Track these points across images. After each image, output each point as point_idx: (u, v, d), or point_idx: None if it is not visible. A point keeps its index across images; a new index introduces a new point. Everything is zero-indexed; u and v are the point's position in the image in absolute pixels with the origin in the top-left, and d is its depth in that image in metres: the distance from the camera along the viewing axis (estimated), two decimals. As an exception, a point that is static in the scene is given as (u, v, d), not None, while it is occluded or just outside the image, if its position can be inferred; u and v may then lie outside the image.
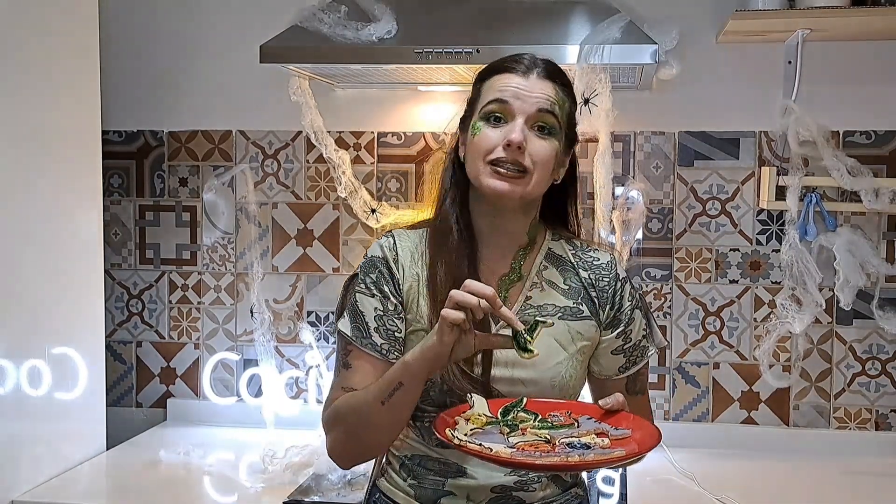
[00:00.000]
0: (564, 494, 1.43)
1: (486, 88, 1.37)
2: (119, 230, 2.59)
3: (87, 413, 2.24)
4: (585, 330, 1.40)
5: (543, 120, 1.34)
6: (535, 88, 1.34)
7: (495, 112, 1.34)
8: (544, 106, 1.33)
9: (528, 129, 1.33)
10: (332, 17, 2.08)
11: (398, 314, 1.37)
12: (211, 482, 2.11)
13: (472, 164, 1.35)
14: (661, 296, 2.38)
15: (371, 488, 1.48)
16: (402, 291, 1.38)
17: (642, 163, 2.37)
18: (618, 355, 1.43)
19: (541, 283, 1.40)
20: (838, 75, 2.28)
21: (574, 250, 1.44)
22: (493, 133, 1.33)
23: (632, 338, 1.43)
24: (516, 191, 1.32)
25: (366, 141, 2.47)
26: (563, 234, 1.46)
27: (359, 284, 1.39)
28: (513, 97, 1.33)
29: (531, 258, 1.41)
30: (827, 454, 2.28)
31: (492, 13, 2.10)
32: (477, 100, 1.38)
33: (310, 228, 2.51)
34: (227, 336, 2.56)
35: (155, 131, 2.56)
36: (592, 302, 1.41)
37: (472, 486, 1.36)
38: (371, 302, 1.37)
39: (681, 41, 2.21)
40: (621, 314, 1.42)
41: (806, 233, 2.20)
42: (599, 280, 1.42)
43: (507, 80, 1.35)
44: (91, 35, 2.25)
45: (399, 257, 1.39)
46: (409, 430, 1.40)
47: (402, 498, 1.40)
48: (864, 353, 2.33)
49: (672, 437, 2.30)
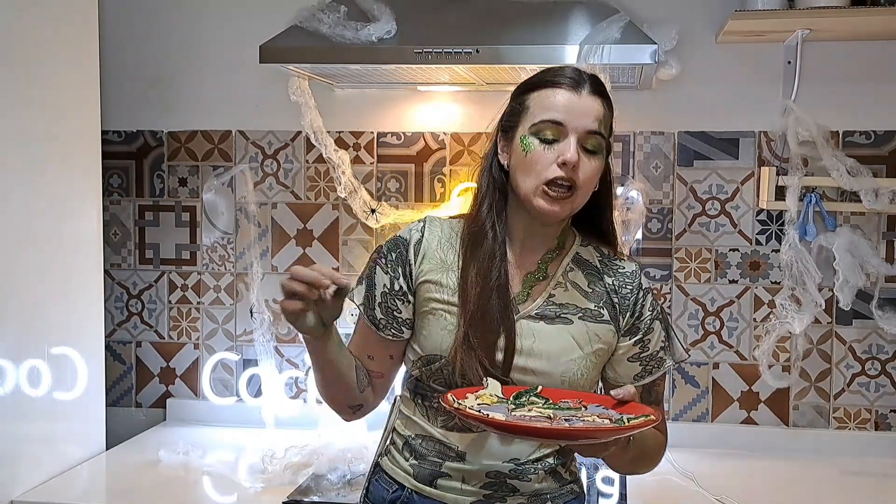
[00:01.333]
0: (560, 489, 1.44)
1: (535, 102, 1.38)
2: (119, 230, 2.59)
3: (86, 413, 2.24)
4: (603, 333, 1.42)
5: (592, 140, 1.36)
6: (586, 108, 1.36)
7: (548, 132, 1.35)
8: (594, 128, 1.36)
9: (579, 148, 1.35)
10: (331, 17, 2.08)
11: (402, 296, 1.42)
12: (210, 482, 2.11)
13: (522, 180, 1.37)
14: (660, 296, 2.38)
15: (374, 467, 1.51)
16: (414, 276, 1.42)
17: (642, 163, 2.37)
18: (634, 363, 1.46)
19: (565, 284, 1.43)
20: (838, 75, 2.28)
21: (601, 257, 1.48)
22: (546, 152, 1.34)
23: (649, 347, 1.46)
24: (564, 211, 1.36)
25: (365, 141, 2.47)
26: (591, 241, 1.49)
27: (380, 259, 1.44)
28: (566, 117, 1.34)
29: (559, 260, 1.45)
30: (827, 454, 2.28)
31: (492, 13, 2.10)
32: (524, 112, 1.39)
33: (309, 228, 2.51)
34: (226, 336, 2.56)
35: (155, 131, 2.56)
36: (614, 307, 1.44)
37: (468, 470, 1.39)
38: (383, 278, 1.43)
39: (680, 41, 2.21)
40: (640, 322, 1.44)
41: (805, 233, 2.20)
42: (623, 287, 1.45)
43: (559, 98, 1.36)
44: (91, 35, 2.25)
45: (424, 241, 1.43)
46: (416, 409, 1.44)
47: (401, 476, 1.44)
48: (864, 353, 2.33)
49: (672, 437, 2.29)
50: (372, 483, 1.49)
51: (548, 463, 1.42)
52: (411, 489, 1.42)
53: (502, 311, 1.37)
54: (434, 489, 1.41)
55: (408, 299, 1.42)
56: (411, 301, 1.43)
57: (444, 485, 1.40)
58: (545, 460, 1.41)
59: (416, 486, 1.42)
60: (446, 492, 1.40)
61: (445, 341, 1.38)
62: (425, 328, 1.41)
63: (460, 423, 1.39)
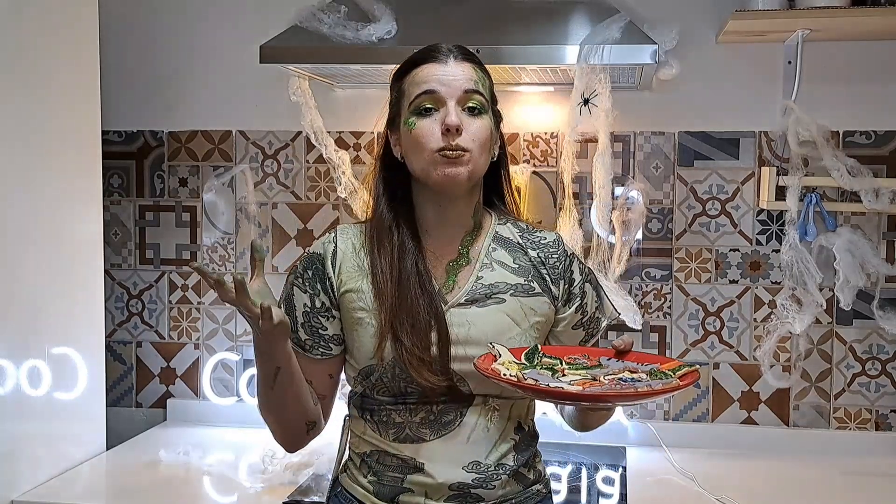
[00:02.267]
0: (525, 492, 1.42)
1: (409, 84, 1.39)
2: (119, 230, 2.59)
3: (86, 413, 2.24)
4: (538, 306, 1.42)
5: (472, 100, 1.36)
6: (456, 72, 1.37)
7: (425, 103, 1.35)
8: (470, 86, 1.36)
9: (461, 112, 1.35)
10: (331, 18, 2.08)
11: (325, 312, 1.41)
12: (211, 482, 2.11)
13: (416, 159, 1.37)
14: (661, 296, 2.38)
15: (332, 483, 1.49)
16: (335, 288, 1.40)
17: (642, 163, 2.37)
18: (578, 329, 1.47)
19: (490, 264, 1.42)
20: (838, 75, 2.28)
21: (521, 232, 1.48)
22: (429, 123, 1.35)
23: (587, 311, 1.47)
24: (463, 171, 1.34)
25: (366, 141, 2.47)
26: (508, 217, 1.49)
27: (297, 279, 1.43)
28: (438, 84, 1.35)
29: (479, 242, 1.44)
30: (827, 454, 2.28)
31: (492, 13, 2.10)
32: (402, 97, 1.40)
33: (310, 229, 2.51)
34: (226, 336, 2.56)
35: (155, 131, 2.56)
36: (543, 279, 1.43)
37: (430, 484, 1.36)
38: (302, 297, 1.42)
39: (681, 41, 2.21)
40: (574, 288, 1.45)
41: (806, 233, 2.20)
42: (549, 258, 1.45)
43: (429, 70, 1.37)
44: (91, 35, 2.25)
45: (338, 252, 1.42)
46: (366, 426, 1.41)
47: (361, 494, 1.40)
48: (865, 353, 2.33)
49: (672, 437, 2.31)
50: (331, 499, 1.47)
51: (508, 466, 1.38)
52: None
53: (428, 304, 1.35)
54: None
55: (332, 314, 1.41)
56: (335, 316, 1.41)
57: (406, 501, 1.36)
58: (505, 463, 1.38)
59: (377, 503, 1.38)
60: None
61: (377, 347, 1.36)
62: (356, 340, 1.39)
63: (411, 433, 1.37)
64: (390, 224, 1.40)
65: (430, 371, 1.33)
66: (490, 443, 1.38)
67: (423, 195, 1.42)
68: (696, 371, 1.29)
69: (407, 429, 1.37)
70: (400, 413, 1.38)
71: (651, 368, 1.31)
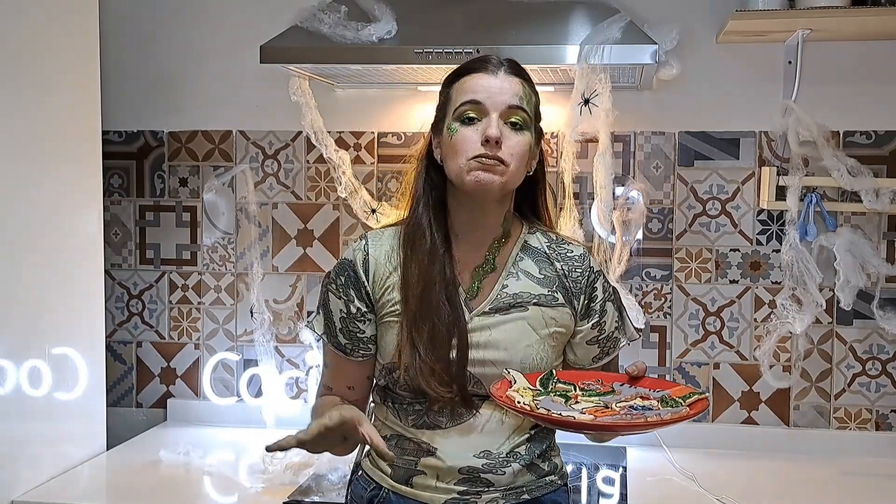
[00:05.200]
0: (538, 482, 1.45)
1: (456, 91, 1.42)
2: (119, 230, 2.59)
3: (87, 413, 2.24)
4: (559, 317, 1.44)
5: (515, 115, 1.38)
6: (504, 86, 1.39)
7: (469, 112, 1.38)
8: (514, 102, 1.38)
9: (503, 125, 1.37)
10: (331, 18, 2.08)
11: (361, 317, 1.45)
12: (211, 482, 2.11)
13: (453, 163, 1.39)
14: (661, 296, 2.38)
15: (355, 467, 1.53)
16: (371, 294, 1.44)
17: (642, 163, 2.37)
18: (592, 345, 1.49)
19: (516, 273, 1.45)
20: (838, 75, 2.28)
21: (549, 243, 1.49)
22: (470, 132, 1.37)
23: (605, 329, 1.48)
24: (497, 180, 1.37)
25: (366, 141, 2.47)
26: (538, 227, 1.51)
27: (330, 284, 1.47)
28: (484, 96, 1.38)
29: (506, 249, 1.46)
30: (827, 454, 2.28)
31: (492, 13, 2.10)
32: (448, 103, 1.43)
33: (310, 229, 2.51)
34: (227, 336, 2.56)
35: (155, 131, 2.56)
36: (567, 291, 1.45)
37: (441, 468, 1.41)
38: (338, 304, 1.46)
39: (681, 41, 2.21)
40: (595, 304, 1.47)
41: (806, 233, 2.20)
42: (573, 271, 1.47)
43: (477, 81, 1.39)
44: (91, 35, 2.25)
45: (370, 258, 1.45)
46: (387, 411, 1.46)
47: (379, 476, 1.46)
48: (865, 353, 2.33)
49: (672, 437, 2.31)
50: (353, 482, 1.52)
51: (521, 456, 1.43)
52: (388, 489, 1.44)
53: (451, 309, 1.38)
54: (409, 488, 1.43)
55: (368, 318, 1.45)
56: (372, 319, 1.45)
57: (419, 482, 1.42)
58: (517, 451, 1.42)
59: (393, 485, 1.44)
60: (421, 490, 1.42)
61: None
62: (382, 338, 1.44)
63: (428, 420, 1.41)
64: (423, 224, 1.43)
65: (439, 382, 1.37)
66: (504, 434, 1.42)
67: (456, 199, 1.44)
68: (705, 398, 1.31)
69: (425, 416, 1.42)
70: (420, 403, 1.42)
71: (662, 395, 1.32)
